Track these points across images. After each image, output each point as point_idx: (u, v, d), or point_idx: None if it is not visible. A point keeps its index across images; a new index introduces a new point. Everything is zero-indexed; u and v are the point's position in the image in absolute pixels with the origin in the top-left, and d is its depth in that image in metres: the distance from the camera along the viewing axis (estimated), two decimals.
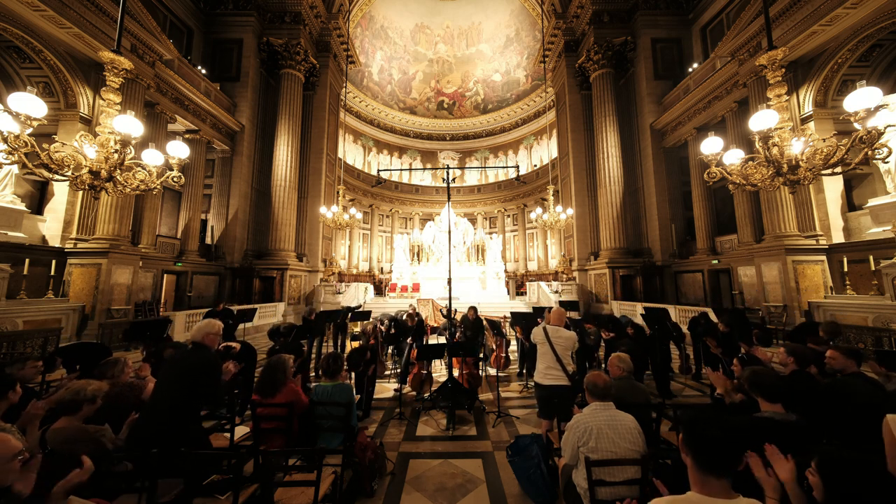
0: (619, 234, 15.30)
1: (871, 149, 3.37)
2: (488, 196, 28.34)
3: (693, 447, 1.45)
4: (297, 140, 16.28)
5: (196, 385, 2.70)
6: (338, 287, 16.21)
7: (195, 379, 2.71)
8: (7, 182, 8.91)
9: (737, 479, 1.50)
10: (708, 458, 1.41)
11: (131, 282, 10.06)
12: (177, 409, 2.62)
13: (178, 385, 2.67)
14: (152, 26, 10.75)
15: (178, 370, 2.75)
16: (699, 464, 1.42)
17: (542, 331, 4.01)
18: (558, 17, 17.71)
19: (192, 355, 2.81)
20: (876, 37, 8.89)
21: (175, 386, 2.67)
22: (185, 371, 2.73)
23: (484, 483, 3.52)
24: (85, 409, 2.43)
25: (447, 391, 5.12)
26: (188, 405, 2.69)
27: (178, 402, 2.64)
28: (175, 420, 2.61)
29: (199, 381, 2.72)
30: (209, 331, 2.88)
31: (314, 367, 7.27)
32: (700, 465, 1.41)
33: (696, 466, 1.43)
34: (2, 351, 6.33)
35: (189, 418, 2.72)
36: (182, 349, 2.90)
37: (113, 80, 4.16)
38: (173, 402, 2.63)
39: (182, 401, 2.65)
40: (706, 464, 1.41)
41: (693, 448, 1.45)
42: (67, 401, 2.40)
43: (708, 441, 1.42)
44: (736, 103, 12.08)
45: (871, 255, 8.28)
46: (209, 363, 2.82)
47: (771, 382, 2.36)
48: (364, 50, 24.14)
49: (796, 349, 3.31)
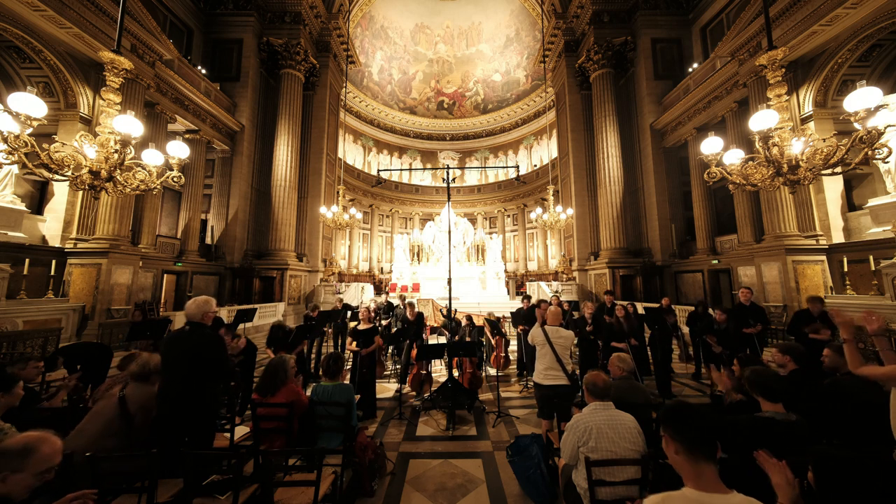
0: (619, 234, 15.30)
1: (871, 149, 3.37)
2: (488, 196, 28.33)
3: (680, 431, 1.46)
4: (297, 140, 16.27)
5: (204, 363, 2.75)
6: (337, 287, 16.21)
7: (202, 356, 2.75)
8: (7, 182, 8.90)
9: (739, 481, 1.51)
10: (695, 439, 1.42)
11: (131, 282, 10.06)
12: (190, 391, 2.68)
13: (188, 365, 2.72)
14: (152, 26, 10.74)
15: (181, 350, 2.76)
16: (689, 448, 1.42)
17: (541, 332, 4.01)
18: (558, 17, 17.71)
19: (194, 334, 2.82)
20: (876, 37, 8.89)
21: (184, 367, 2.71)
22: (189, 350, 2.76)
23: (484, 483, 3.52)
24: (152, 379, 2.80)
25: (447, 391, 5.13)
26: (200, 384, 2.74)
27: (191, 383, 2.69)
28: (191, 401, 2.67)
29: (206, 357, 2.77)
30: (207, 309, 2.91)
31: (314, 367, 7.28)
32: (690, 450, 1.42)
33: (686, 452, 1.43)
34: (2, 351, 6.33)
35: (204, 396, 2.76)
36: (180, 330, 2.92)
37: (113, 80, 4.16)
38: (186, 385, 2.68)
39: (194, 381, 2.71)
40: (695, 446, 1.41)
41: (680, 433, 1.46)
42: (136, 372, 2.79)
43: (693, 422, 1.45)
44: (736, 103, 12.07)
45: (871, 255, 8.27)
46: (212, 339, 2.88)
47: (771, 382, 2.36)
48: (364, 50, 24.13)
49: (791, 347, 3.30)
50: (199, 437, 2.69)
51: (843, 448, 1.65)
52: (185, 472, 2.35)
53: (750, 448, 1.83)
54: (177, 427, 2.61)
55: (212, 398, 2.84)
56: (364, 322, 5.90)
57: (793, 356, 3.20)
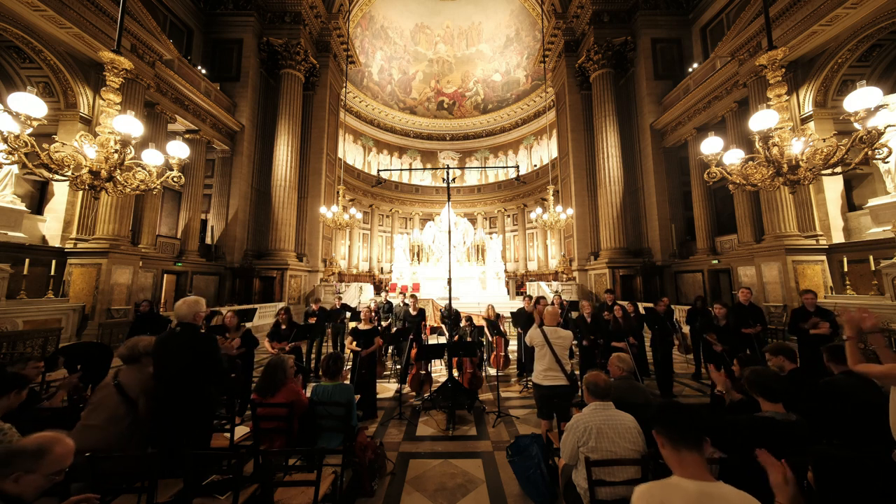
0: (619, 234, 15.30)
1: (871, 149, 3.37)
2: (488, 196, 28.33)
3: (664, 424, 1.56)
4: (297, 140, 16.28)
5: (196, 362, 2.74)
6: (337, 287, 16.21)
7: (194, 356, 2.75)
8: (7, 182, 8.91)
9: (739, 481, 1.51)
10: (677, 430, 1.51)
11: (131, 282, 10.06)
12: (183, 391, 2.67)
13: (180, 366, 2.70)
14: (152, 26, 10.75)
15: (173, 351, 2.74)
16: (672, 439, 1.51)
17: (540, 333, 3.99)
18: (558, 17, 17.71)
19: (185, 334, 2.81)
20: (876, 37, 8.89)
21: (176, 367, 2.70)
22: (181, 350, 2.74)
23: (484, 483, 3.52)
24: (143, 361, 2.79)
25: (447, 391, 5.12)
26: (193, 384, 2.72)
27: (184, 384, 2.68)
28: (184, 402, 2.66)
29: (199, 356, 2.77)
30: (198, 310, 2.92)
31: (314, 367, 7.28)
32: (673, 441, 1.51)
33: (670, 444, 1.52)
34: (2, 351, 6.33)
35: (198, 397, 2.75)
36: (171, 330, 2.91)
37: (113, 80, 4.16)
38: (179, 385, 2.67)
39: (187, 382, 2.69)
40: (676, 436, 1.50)
41: (664, 425, 1.56)
42: (126, 355, 2.80)
43: (675, 416, 1.56)
44: (736, 103, 12.07)
45: (871, 255, 8.27)
46: (204, 338, 2.87)
47: (771, 382, 2.36)
48: (364, 50, 24.13)
49: (780, 348, 3.26)
50: (195, 437, 2.67)
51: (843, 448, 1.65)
52: (185, 472, 2.36)
53: (750, 448, 1.83)
54: (173, 428, 2.60)
55: (206, 399, 2.82)
56: (365, 322, 5.90)
57: (785, 356, 3.19)
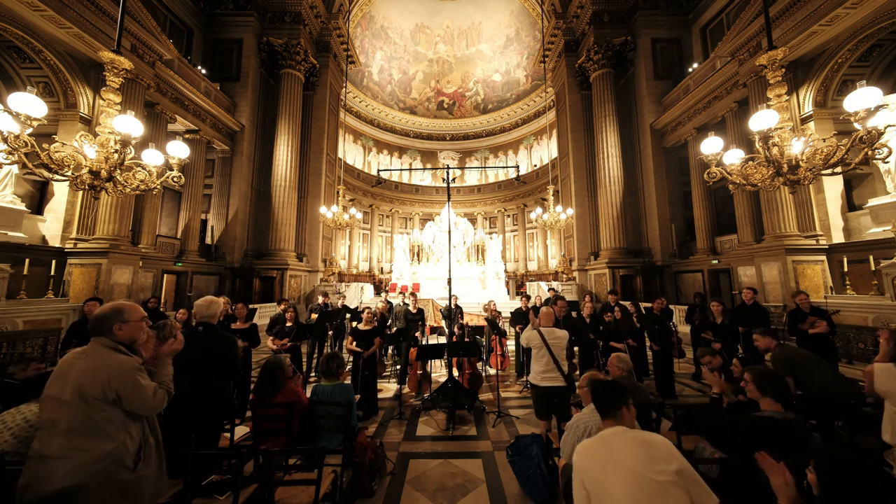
0: (619, 234, 15.29)
1: (871, 149, 3.37)
2: (488, 196, 28.32)
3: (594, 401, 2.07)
4: (297, 140, 16.27)
5: (217, 364, 2.90)
6: (338, 287, 16.20)
7: (217, 357, 2.90)
8: (7, 182, 8.90)
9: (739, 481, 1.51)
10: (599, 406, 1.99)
11: (131, 282, 10.06)
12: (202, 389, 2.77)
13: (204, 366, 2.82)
14: (152, 26, 10.74)
15: (195, 350, 2.82)
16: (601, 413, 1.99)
17: (537, 334, 3.99)
18: (558, 17, 17.70)
19: (207, 336, 2.95)
20: (876, 37, 8.88)
21: (199, 367, 2.80)
22: (205, 352, 2.87)
23: (484, 483, 3.52)
24: None
25: (447, 391, 5.12)
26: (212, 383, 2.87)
27: (203, 382, 2.79)
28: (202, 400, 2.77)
29: (221, 358, 2.94)
30: (216, 310, 3.10)
31: (315, 367, 7.28)
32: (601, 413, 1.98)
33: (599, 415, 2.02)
34: (2, 351, 6.33)
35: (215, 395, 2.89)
36: (192, 330, 3.02)
37: (113, 80, 4.15)
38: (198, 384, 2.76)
39: (207, 380, 2.82)
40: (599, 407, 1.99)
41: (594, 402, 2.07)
42: None
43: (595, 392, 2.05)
44: (736, 103, 12.07)
45: (871, 255, 8.26)
46: (226, 341, 3.04)
47: (775, 382, 2.37)
48: (364, 50, 24.13)
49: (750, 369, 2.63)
50: (206, 435, 2.81)
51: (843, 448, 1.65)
52: (185, 472, 2.36)
53: (749, 448, 1.83)
54: (187, 425, 2.72)
55: (227, 398, 3.01)
56: (366, 322, 5.90)
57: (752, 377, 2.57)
